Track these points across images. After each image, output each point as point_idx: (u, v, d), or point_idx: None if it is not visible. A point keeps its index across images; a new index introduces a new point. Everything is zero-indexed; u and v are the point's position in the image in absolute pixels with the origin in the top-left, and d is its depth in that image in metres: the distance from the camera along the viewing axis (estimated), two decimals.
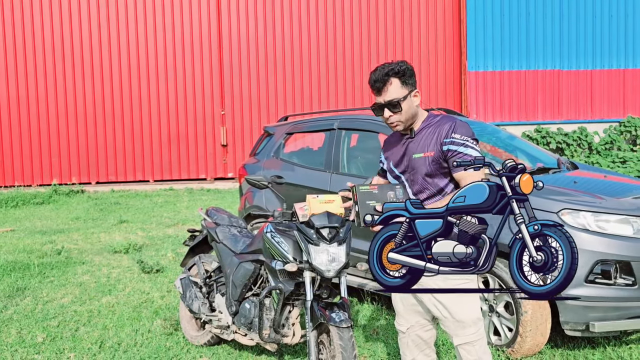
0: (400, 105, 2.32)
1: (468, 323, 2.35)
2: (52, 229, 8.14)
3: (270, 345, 3.22)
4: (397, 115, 2.34)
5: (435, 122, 2.41)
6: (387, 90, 2.34)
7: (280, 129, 5.56)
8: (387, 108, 2.34)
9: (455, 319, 2.35)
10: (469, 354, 2.35)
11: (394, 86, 2.33)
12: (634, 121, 13.21)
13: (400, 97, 2.32)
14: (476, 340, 2.35)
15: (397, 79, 2.33)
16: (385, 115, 2.37)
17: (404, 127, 2.39)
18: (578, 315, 3.19)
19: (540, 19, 13.23)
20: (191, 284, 3.72)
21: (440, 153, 2.33)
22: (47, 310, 4.60)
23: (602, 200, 3.40)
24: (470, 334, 2.34)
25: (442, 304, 2.36)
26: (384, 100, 2.34)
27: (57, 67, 11.79)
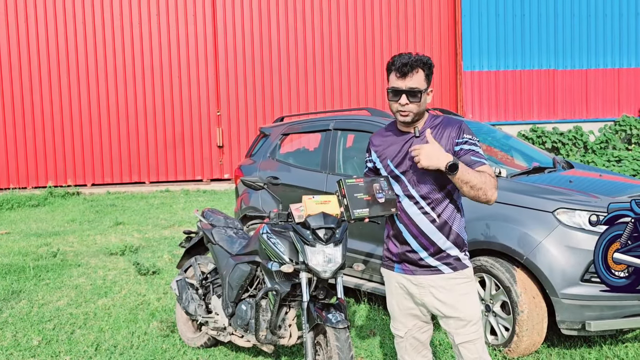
0: (420, 95, 2.30)
1: (470, 322, 2.35)
2: (48, 232, 8.10)
3: (267, 346, 3.22)
4: (413, 105, 2.31)
5: (440, 123, 2.40)
6: (412, 77, 2.30)
7: (276, 129, 5.55)
8: (407, 94, 2.30)
9: (457, 318, 2.35)
10: (469, 352, 2.35)
11: (419, 75, 2.31)
12: (629, 120, 13.26)
13: (422, 89, 2.31)
14: (477, 339, 2.36)
15: (423, 71, 2.33)
16: (402, 101, 2.31)
17: (412, 119, 2.35)
18: (574, 314, 3.19)
19: (535, 19, 13.26)
20: (187, 285, 3.71)
21: (452, 153, 2.32)
22: (42, 313, 4.58)
23: (597, 199, 3.41)
24: (472, 332, 2.35)
25: (445, 304, 2.36)
26: (407, 86, 2.29)
27: (51, 69, 11.75)
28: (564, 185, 3.71)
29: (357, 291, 4.58)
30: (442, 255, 2.36)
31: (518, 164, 4.40)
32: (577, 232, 3.26)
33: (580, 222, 3.29)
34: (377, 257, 4.04)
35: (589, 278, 3.21)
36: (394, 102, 2.33)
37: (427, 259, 2.36)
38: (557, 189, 3.55)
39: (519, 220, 3.39)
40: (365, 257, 4.15)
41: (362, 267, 3.00)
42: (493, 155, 4.58)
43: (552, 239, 3.26)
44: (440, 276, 2.36)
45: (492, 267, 3.43)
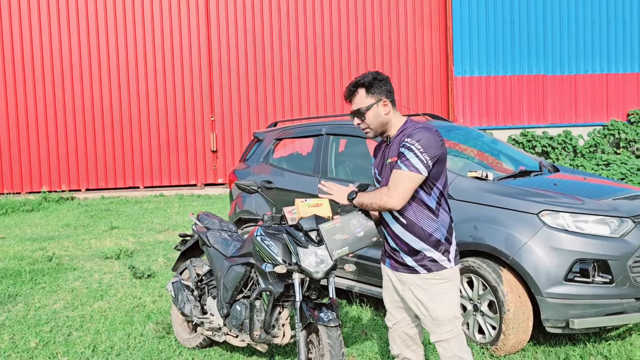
0: (364, 113, 2.50)
1: (444, 321, 2.45)
2: (43, 236, 8.14)
3: (261, 345, 3.30)
4: (364, 123, 2.55)
5: (404, 129, 2.52)
6: (354, 100, 2.56)
7: (269, 134, 5.65)
8: (355, 115, 2.56)
9: (431, 317, 2.46)
10: (444, 350, 2.45)
11: (359, 96, 2.54)
12: (617, 125, 13.46)
13: (364, 107, 2.50)
14: (451, 338, 2.46)
15: (363, 89, 2.51)
16: (355, 122, 2.58)
17: (375, 133, 2.57)
18: (558, 313, 3.30)
19: (525, 25, 13.46)
20: (183, 287, 3.80)
21: None
22: (39, 316, 4.64)
23: (580, 202, 3.52)
24: (446, 331, 2.45)
25: (421, 302, 2.47)
26: (352, 109, 2.58)
27: (45, 75, 11.80)
28: (549, 188, 3.82)
29: (349, 292, 4.67)
30: (418, 255, 2.47)
31: (505, 168, 4.52)
32: (561, 233, 3.38)
33: (564, 223, 3.40)
34: (367, 259, 4.13)
35: (572, 278, 3.32)
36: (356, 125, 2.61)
37: (405, 258, 2.49)
38: (541, 192, 3.67)
39: (504, 222, 3.51)
40: (357, 259, 4.25)
41: (353, 268, 3.10)
42: (482, 159, 4.71)
43: (536, 240, 3.37)
44: (417, 275, 2.48)
45: (480, 267, 3.54)
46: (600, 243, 3.35)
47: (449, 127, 5.01)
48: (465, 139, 4.94)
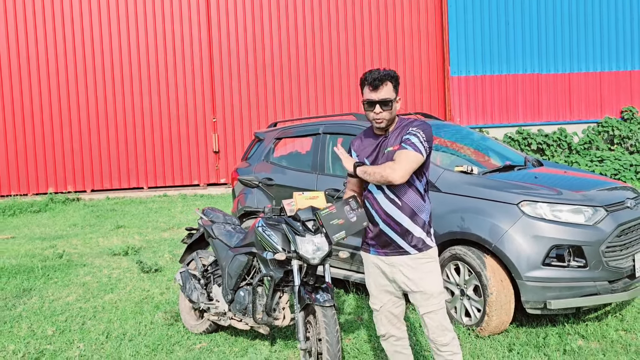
0: (391, 104, 2.70)
1: (433, 294, 2.73)
2: (51, 235, 8.43)
3: (263, 328, 3.58)
4: (386, 113, 2.72)
5: (404, 124, 2.81)
6: (383, 89, 2.69)
7: (269, 134, 5.93)
8: (380, 104, 2.70)
9: (422, 292, 2.73)
10: (432, 320, 2.72)
11: (388, 87, 2.71)
12: (611, 122, 13.72)
13: (392, 98, 2.71)
14: (438, 310, 2.74)
15: (391, 83, 2.73)
16: (377, 110, 2.70)
17: (386, 124, 2.76)
18: (537, 295, 3.58)
19: (519, 25, 13.73)
20: (190, 276, 4.08)
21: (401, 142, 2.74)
22: (54, 307, 4.92)
23: (557, 193, 3.80)
24: (434, 304, 2.73)
25: (412, 280, 2.74)
26: (379, 97, 2.69)
27: (51, 78, 12.10)
28: (530, 180, 4.09)
29: (346, 282, 4.95)
30: (408, 235, 2.74)
31: (492, 163, 4.80)
32: (539, 221, 3.65)
33: (541, 212, 3.68)
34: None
35: (550, 262, 3.60)
36: (370, 112, 2.75)
37: (397, 239, 2.74)
38: (522, 184, 3.94)
39: (488, 212, 3.78)
40: (353, 250, 4.52)
41: (347, 254, 3.37)
42: (470, 154, 4.98)
43: (517, 228, 3.65)
44: (407, 256, 2.75)
45: (465, 255, 3.81)
46: (575, 230, 3.62)
47: (440, 125, 5.29)
48: (454, 136, 5.21)
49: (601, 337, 3.65)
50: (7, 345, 4.03)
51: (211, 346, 3.86)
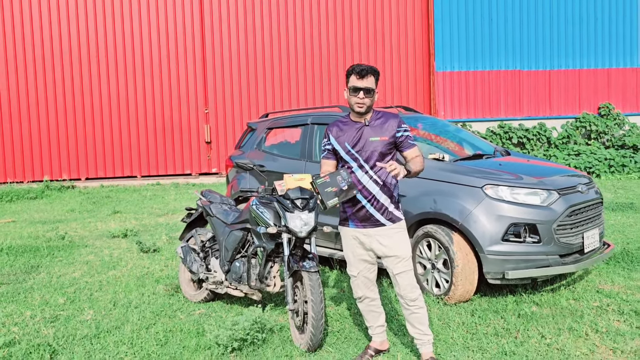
0: (372, 93, 3.20)
1: (405, 258, 3.22)
2: (51, 220, 8.81)
3: (256, 294, 4.05)
4: (367, 99, 3.20)
5: (383, 116, 3.30)
6: (367, 79, 3.18)
7: (261, 124, 6.37)
8: (363, 91, 3.17)
9: (395, 256, 3.21)
10: (403, 279, 3.20)
11: (371, 79, 3.21)
12: (589, 117, 14.31)
13: (374, 88, 3.22)
14: (409, 270, 3.23)
15: (373, 76, 3.23)
16: (360, 96, 3.17)
17: (366, 110, 3.23)
18: (497, 267, 4.07)
19: (502, 23, 14.25)
20: (190, 250, 4.53)
21: (393, 138, 3.23)
22: (62, 281, 5.34)
23: (517, 178, 4.29)
24: (405, 265, 3.21)
25: (387, 247, 3.22)
26: (364, 85, 3.17)
27: (46, 68, 12.41)
28: (495, 167, 4.58)
29: (330, 259, 5.43)
30: (384, 210, 3.22)
31: (464, 152, 5.29)
32: (500, 202, 4.14)
33: (502, 195, 4.17)
34: None
35: (508, 238, 4.09)
36: (354, 97, 3.22)
37: (375, 214, 3.22)
38: (487, 170, 4.43)
39: (456, 194, 4.27)
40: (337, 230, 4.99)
41: (330, 229, 3.84)
42: (445, 145, 5.46)
43: (480, 208, 4.14)
44: (383, 227, 3.23)
45: (436, 232, 4.30)
46: (531, 210, 4.12)
47: (419, 118, 5.77)
48: (431, 128, 5.70)
49: (553, 305, 4.16)
50: (24, 311, 4.46)
51: (209, 312, 4.32)
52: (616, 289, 4.47)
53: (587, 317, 3.89)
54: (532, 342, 3.52)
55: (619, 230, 6.59)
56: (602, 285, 4.58)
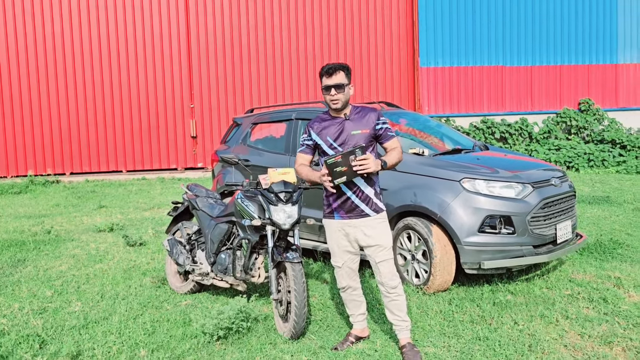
0: (343, 88, 3.32)
1: (386, 247, 3.36)
2: (36, 214, 8.82)
3: (241, 285, 4.17)
4: (339, 95, 3.34)
5: (362, 110, 3.45)
6: (336, 76, 3.31)
7: (247, 119, 6.46)
8: (334, 88, 3.31)
9: (378, 245, 3.35)
10: (384, 267, 3.35)
11: (341, 75, 3.35)
12: (569, 113, 14.60)
13: (345, 83, 3.34)
14: (390, 259, 3.37)
15: (343, 71, 3.37)
16: (332, 93, 3.31)
17: (341, 105, 3.36)
18: (473, 257, 4.23)
19: (485, 19, 14.46)
20: (177, 243, 4.63)
21: (373, 130, 3.38)
22: (49, 275, 5.40)
23: (493, 172, 4.45)
24: (387, 254, 3.35)
25: (371, 236, 3.35)
26: (333, 82, 3.31)
27: (30, 63, 12.34)
28: (472, 162, 4.73)
29: (314, 252, 5.56)
30: (369, 200, 3.35)
31: (444, 146, 5.44)
32: (477, 195, 4.30)
33: (479, 188, 4.32)
34: None
35: (484, 230, 4.26)
36: (327, 95, 3.36)
37: (360, 205, 3.34)
38: (465, 165, 4.58)
39: (435, 187, 4.41)
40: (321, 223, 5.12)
41: (313, 222, 3.97)
42: (426, 139, 5.61)
43: (458, 201, 4.29)
44: (367, 218, 3.36)
45: (416, 224, 4.45)
46: (506, 203, 4.28)
47: (400, 114, 5.91)
48: (413, 123, 5.84)
49: (527, 293, 4.33)
50: (12, 304, 4.53)
51: (195, 303, 4.43)
52: (587, 278, 4.66)
53: (559, 304, 4.07)
54: (505, 328, 3.69)
55: (593, 223, 6.80)
56: (574, 274, 4.76)
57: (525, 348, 3.37)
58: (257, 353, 3.47)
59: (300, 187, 3.87)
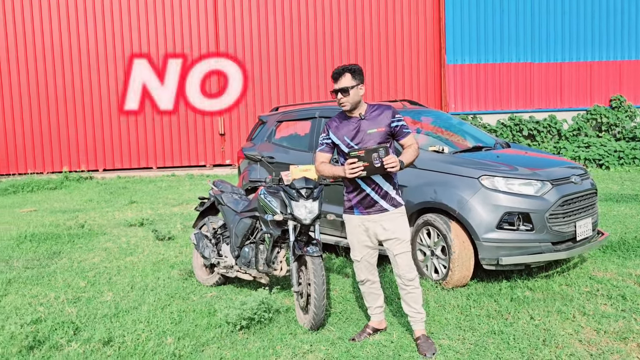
0: (349, 91, 3.41)
1: (405, 240, 3.45)
2: (70, 209, 9.18)
3: (264, 278, 4.32)
4: (346, 98, 3.44)
5: (377, 108, 3.53)
6: (341, 80, 3.42)
7: (272, 117, 6.62)
8: (340, 92, 3.42)
9: (397, 238, 3.44)
10: (402, 260, 3.44)
11: (346, 78, 3.44)
12: (600, 109, 14.33)
13: (350, 86, 3.41)
14: (408, 251, 3.46)
15: (349, 74, 3.45)
16: (339, 97, 3.43)
17: (350, 107, 3.47)
18: (491, 253, 4.29)
19: (514, 15, 14.30)
20: (203, 237, 4.81)
21: (389, 128, 3.47)
22: (82, 266, 5.67)
23: (513, 169, 4.49)
24: (405, 247, 3.44)
25: (390, 230, 3.44)
26: (338, 87, 3.42)
27: (65, 65, 12.78)
28: (492, 159, 4.78)
29: (336, 247, 5.68)
30: (387, 196, 3.45)
31: (465, 144, 5.49)
32: (495, 192, 4.35)
33: (497, 185, 4.37)
34: None
35: (502, 226, 4.31)
36: (337, 99, 3.48)
37: (380, 201, 3.44)
38: (484, 162, 4.63)
39: (455, 185, 4.48)
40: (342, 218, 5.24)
41: (333, 217, 4.09)
42: (447, 137, 5.67)
43: (477, 198, 4.35)
44: (386, 213, 3.45)
45: (435, 221, 4.52)
46: (524, 200, 4.32)
47: (422, 112, 5.97)
48: (435, 121, 5.90)
49: (545, 290, 4.36)
50: (48, 293, 4.79)
51: (220, 294, 4.61)
52: (608, 275, 4.66)
53: (577, 301, 4.09)
54: (521, 323, 3.74)
55: (619, 221, 6.74)
56: (595, 272, 4.77)
57: (539, 342, 3.43)
58: (278, 342, 3.61)
59: (321, 184, 3.99)
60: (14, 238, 6.79)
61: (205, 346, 3.62)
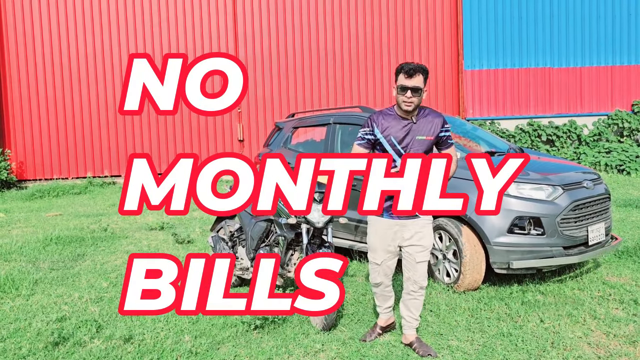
0: (420, 92, 3.35)
1: (427, 248, 3.50)
2: (94, 213, 9.44)
3: (278, 279, 4.44)
4: (415, 99, 3.28)
5: (428, 114, 3.47)
6: (415, 78, 3.26)
7: (288, 124, 6.76)
8: (412, 90, 3.26)
9: (421, 246, 3.47)
10: (422, 268, 3.48)
11: (420, 78, 3.28)
12: (621, 114, 14.16)
13: (422, 87, 3.35)
14: (427, 261, 3.52)
15: (422, 75, 3.32)
16: (408, 95, 3.24)
17: (414, 108, 3.32)
18: (502, 257, 4.34)
19: (532, 20, 14.25)
20: (220, 240, 4.96)
21: (436, 138, 3.44)
22: (105, 268, 5.86)
23: (524, 174, 4.54)
24: (426, 255, 3.49)
25: (415, 236, 3.44)
26: (412, 84, 3.25)
27: (89, 72, 13.14)
28: None
29: (350, 250, 5.78)
30: None
31: (478, 149, 5.55)
32: (506, 197, 4.40)
33: (509, 190, 4.42)
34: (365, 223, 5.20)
35: (513, 230, 4.36)
36: (401, 96, 3.33)
37: None
38: None
39: (466, 189, 4.53)
40: (357, 223, 5.34)
41: (345, 220, 4.19)
42: (460, 142, 5.73)
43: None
44: (417, 219, 3.47)
45: (446, 225, 4.59)
46: (535, 204, 4.37)
47: None
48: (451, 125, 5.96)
49: (557, 294, 4.40)
50: (72, 293, 4.98)
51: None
52: (622, 280, 4.67)
53: (588, 304, 4.12)
54: (530, 325, 3.79)
55: (638, 227, 6.70)
56: (609, 277, 4.78)
57: (547, 344, 3.48)
58: (291, 342, 3.72)
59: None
60: (40, 241, 7.03)
61: (220, 344, 3.75)
